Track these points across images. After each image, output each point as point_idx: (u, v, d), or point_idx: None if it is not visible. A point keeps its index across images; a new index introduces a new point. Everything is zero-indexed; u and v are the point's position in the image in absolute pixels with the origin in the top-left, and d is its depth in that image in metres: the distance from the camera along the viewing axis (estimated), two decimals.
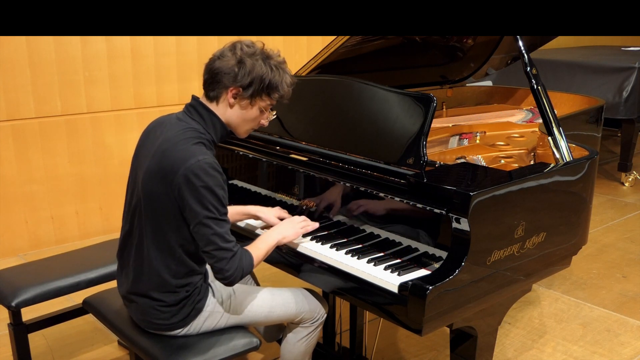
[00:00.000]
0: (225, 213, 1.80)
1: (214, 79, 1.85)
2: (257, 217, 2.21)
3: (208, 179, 1.74)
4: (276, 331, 2.38)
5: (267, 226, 2.23)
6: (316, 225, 2.07)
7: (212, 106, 1.89)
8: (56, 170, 4.00)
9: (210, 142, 1.88)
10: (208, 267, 2.01)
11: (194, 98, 1.92)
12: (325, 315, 2.12)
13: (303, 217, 2.07)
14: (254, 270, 1.95)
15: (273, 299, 2.03)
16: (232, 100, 1.86)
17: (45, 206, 4.00)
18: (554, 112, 2.23)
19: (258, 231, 2.22)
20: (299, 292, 2.08)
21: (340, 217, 2.12)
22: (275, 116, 2.00)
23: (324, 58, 2.68)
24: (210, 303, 1.96)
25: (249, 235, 2.24)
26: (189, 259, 1.87)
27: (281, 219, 2.17)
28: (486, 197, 1.74)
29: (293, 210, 2.26)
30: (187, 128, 1.85)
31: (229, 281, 1.80)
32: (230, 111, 1.88)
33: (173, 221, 1.81)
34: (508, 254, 1.85)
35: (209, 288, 2.00)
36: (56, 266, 2.47)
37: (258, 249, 1.91)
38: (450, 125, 2.92)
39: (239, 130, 1.95)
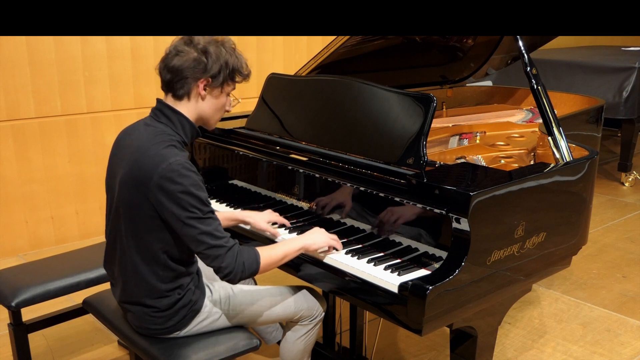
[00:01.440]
0: (210, 211, 1.76)
1: (181, 76, 1.81)
2: (246, 223, 2.19)
3: (183, 180, 1.71)
4: (276, 333, 2.38)
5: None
6: (341, 247, 1.98)
7: (182, 104, 1.86)
8: (56, 170, 4.00)
9: (181, 143, 1.85)
10: (201, 266, 2.01)
11: (159, 101, 1.89)
12: (324, 313, 2.12)
13: (334, 235, 1.99)
14: None
15: (271, 298, 2.03)
16: (203, 92, 1.84)
17: (45, 206, 4.00)
18: (554, 112, 2.23)
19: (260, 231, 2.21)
20: (297, 291, 2.08)
21: (341, 217, 2.12)
22: (239, 102, 1.99)
23: (324, 58, 2.68)
24: (208, 304, 1.96)
25: (246, 234, 2.24)
26: (174, 264, 1.85)
27: (274, 223, 2.17)
28: (486, 197, 1.74)
29: (292, 211, 2.26)
30: (156, 133, 1.82)
31: (229, 278, 1.77)
32: (202, 103, 1.86)
33: (153, 228, 1.79)
34: (508, 254, 1.85)
35: (207, 288, 2.00)
36: (56, 266, 2.47)
37: (273, 250, 1.86)
38: (450, 125, 2.92)
39: (211, 121, 1.93)
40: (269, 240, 2.15)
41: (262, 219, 2.15)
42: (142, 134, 1.84)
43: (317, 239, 1.93)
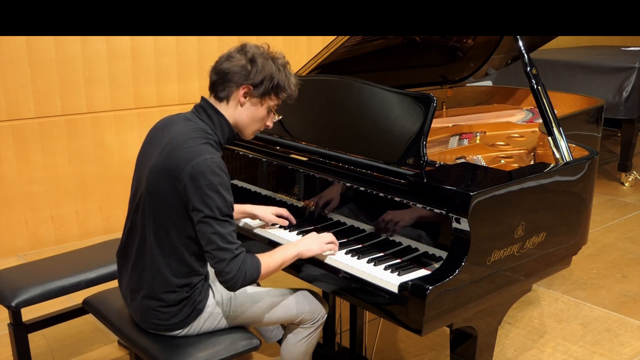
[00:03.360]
0: (229, 215, 1.78)
1: (225, 79, 1.87)
2: (254, 216, 2.21)
3: (213, 178, 1.75)
4: (276, 332, 2.38)
5: (265, 224, 2.23)
6: (336, 249, 1.97)
7: (222, 106, 1.91)
8: (56, 170, 4.00)
9: (217, 143, 1.89)
10: (209, 267, 2.02)
11: (203, 99, 1.94)
12: (326, 316, 2.12)
13: (331, 235, 1.98)
14: None
15: (273, 300, 2.03)
16: (242, 99, 1.88)
17: (45, 206, 4.00)
18: (554, 112, 2.23)
19: (256, 230, 2.22)
20: (299, 293, 2.08)
21: (340, 217, 2.12)
22: (279, 118, 2.02)
23: (324, 58, 2.68)
24: (211, 304, 1.96)
25: (246, 234, 2.24)
26: (190, 259, 1.87)
27: (279, 216, 2.18)
28: (486, 197, 1.74)
29: (293, 210, 2.26)
30: (195, 128, 1.86)
31: (229, 285, 1.77)
32: (241, 109, 1.90)
33: (177, 220, 1.81)
34: (508, 254, 1.85)
35: (210, 289, 2.00)
36: (56, 266, 2.47)
37: (271, 258, 1.87)
38: (450, 125, 2.92)
39: (247, 130, 1.96)
40: (268, 240, 2.15)
41: (269, 212, 2.18)
42: (180, 127, 1.87)
43: (312, 245, 1.94)
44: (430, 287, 1.63)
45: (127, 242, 1.99)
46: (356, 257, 1.92)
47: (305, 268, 2.01)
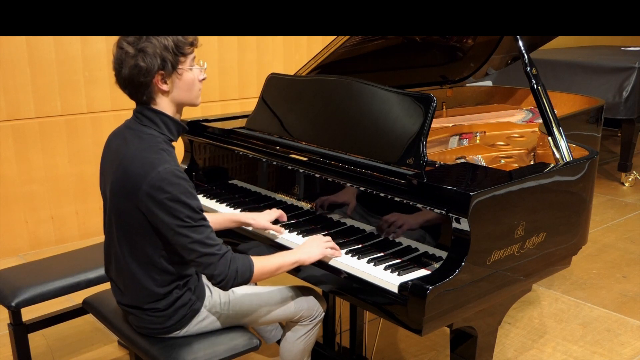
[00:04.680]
0: (201, 218, 1.73)
1: (134, 84, 1.76)
2: (248, 225, 2.17)
3: (172, 189, 1.68)
4: (275, 332, 2.38)
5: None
6: (341, 253, 1.95)
7: (154, 104, 1.82)
8: (56, 170, 4.00)
9: (168, 142, 1.82)
10: None
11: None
12: (324, 313, 2.12)
13: (329, 238, 1.96)
14: None
15: (271, 298, 2.03)
16: (164, 87, 1.78)
17: (45, 206, 4.00)
18: (554, 112, 2.24)
19: (256, 230, 2.21)
20: (297, 290, 2.08)
21: (340, 217, 2.12)
22: (205, 65, 1.89)
23: (324, 58, 2.68)
24: (208, 304, 1.96)
25: (246, 234, 2.24)
26: (172, 267, 1.83)
27: (275, 222, 2.16)
28: (486, 197, 1.74)
29: (292, 211, 2.26)
30: (141, 138, 1.78)
31: (222, 285, 1.76)
32: (171, 95, 1.80)
33: (147, 235, 1.77)
34: (508, 254, 1.85)
35: (207, 289, 2.00)
36: (56, 266, 2.47)
37: (267, 260, 1.85)
38: (450, 125, 2.92)
39: (192, 100, 1.85)
40: (270, 240, 2.15)
41: (263, 219, 2.14)
42: (127, 140, 1.81)
43: (313, 253, 1.91)
44: (430, 287, 1.63)
45: (107, 260, 1.97)
46: (356, 257, 1.92)
47: (304, 268, 2.01)
